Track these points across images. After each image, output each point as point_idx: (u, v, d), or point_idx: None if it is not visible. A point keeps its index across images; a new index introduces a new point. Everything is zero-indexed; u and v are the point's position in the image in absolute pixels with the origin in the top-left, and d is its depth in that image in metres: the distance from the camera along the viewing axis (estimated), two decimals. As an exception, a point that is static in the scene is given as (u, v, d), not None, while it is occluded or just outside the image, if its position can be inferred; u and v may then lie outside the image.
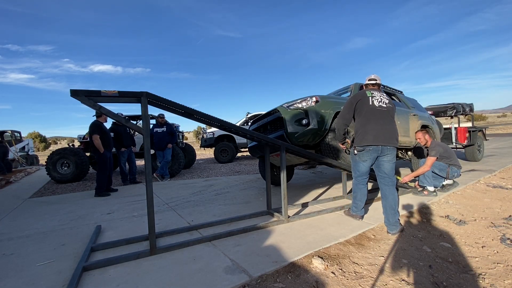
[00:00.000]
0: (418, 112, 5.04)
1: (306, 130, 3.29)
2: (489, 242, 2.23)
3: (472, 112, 7.58)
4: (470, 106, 7.50)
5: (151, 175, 2.09)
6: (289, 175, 5.01)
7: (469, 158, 6.88)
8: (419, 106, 5.70)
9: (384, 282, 1.69)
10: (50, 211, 3.72)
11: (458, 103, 7.32)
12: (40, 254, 2.19)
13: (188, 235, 2.45)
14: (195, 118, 2.45)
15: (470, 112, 7.53)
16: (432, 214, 2.93)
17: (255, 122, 4.34)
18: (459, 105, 7.30)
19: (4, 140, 11.12)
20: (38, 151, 29.33)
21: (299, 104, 3.47)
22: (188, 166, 8.66)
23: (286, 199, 2.69)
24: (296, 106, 3.47)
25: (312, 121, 3.29)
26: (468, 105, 7.43)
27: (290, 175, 5.05)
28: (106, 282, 1.72)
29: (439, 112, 7.42)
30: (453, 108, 7.24)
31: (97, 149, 4.51)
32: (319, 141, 3.43)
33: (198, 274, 1.75)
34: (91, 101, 1.95)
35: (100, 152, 4.52)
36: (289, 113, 3.45)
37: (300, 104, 3.47)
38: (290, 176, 5.03)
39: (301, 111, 3.40)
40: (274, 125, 3.79)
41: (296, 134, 3.32)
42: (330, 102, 3.51)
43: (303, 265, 1.87)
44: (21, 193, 5.35)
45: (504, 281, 1.66)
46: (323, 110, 3.36)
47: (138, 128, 2.19)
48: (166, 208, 3.60)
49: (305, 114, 3.35)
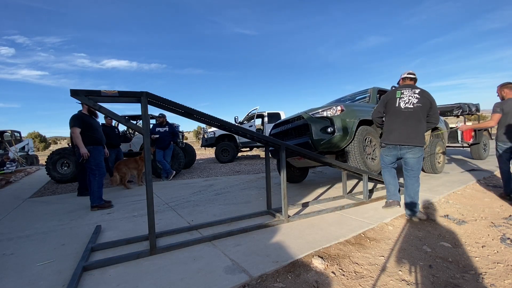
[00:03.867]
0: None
1: (331, 138, 3.48)
2: (489, 242, 2.22)
3: (478, 112, 7.75)
4: (476, 106, 7.67)
5: (151, 175, 2.09)
6: (305, 174, 5.22)
7: (475, 156, 7.11)
8: None
9: (384, 282, 1.69)
10: (50, 211, 3.72)
11: (464, 103, 7.51)
12: (40, 254, 2.19)
13: (188, 235, 2.45)
14: (195, 118, 2.45)
15: (476, 112, 7.67)
16: (432, 214, 2.93)
17: (277, 126, 4.50)
18: (465, 105, 7.49)
19: (4, 140, 11.12)
20: (38, 151, 29.33)
21: (324, 112, 3.64)
22: (188, 166, 8.66)
23: (286, 199, 2.69)
24: (322, 114, 3.65)
25: (337, 130, 3.47)
26: (474, 105, 7.61)
27: (306, 174, 5.26)
28: (106, 282, 1.72)
29: (446, 111, 7.62)
30: (459, 107, 7.44)
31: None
32: (343, 148, 3.61)
33: (198, 274, 1.75)
34: (91, 101, 1.95)
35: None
36: (314, 120, 3.64)
37: (325, 112, 3.64)
38: (305, 175, 5.24)
39: (326, 119, 3.58)
40: (298, 131, 3.95)
41: (322, 141, 3.52)
42: (354, 111, 3.68)
43: (303, 265, 1.87)
44: (21, 193, 5.35)
45: (504, 281, 1.66)
46: (348, 119, 3.53)
47: (138, 128, 2.19)
48: (166, 208, 3.60)
49: (330, 123, 3.53)
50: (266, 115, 11.01)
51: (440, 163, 5.20)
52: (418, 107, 2.71)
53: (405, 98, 2.76)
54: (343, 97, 5.39)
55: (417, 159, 2.76)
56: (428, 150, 4.92)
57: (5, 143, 11.07)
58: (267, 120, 10.96)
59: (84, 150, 3.52)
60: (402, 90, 2.81)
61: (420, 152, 2.76)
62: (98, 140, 3.77)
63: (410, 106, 2.72)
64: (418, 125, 2.73)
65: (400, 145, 2.76)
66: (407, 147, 2.73)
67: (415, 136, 2.71)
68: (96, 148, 3.70)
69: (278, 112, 11.12)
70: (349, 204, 3.19)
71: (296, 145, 3.67)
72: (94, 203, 3.62)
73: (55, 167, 6.33)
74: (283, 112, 11.14)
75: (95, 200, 3.63)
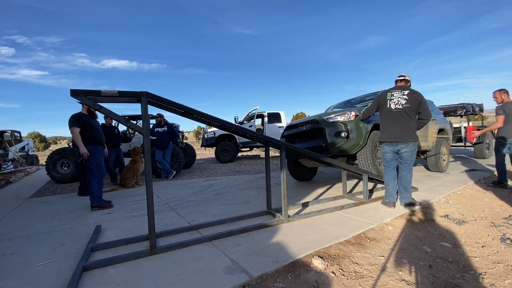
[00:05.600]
0: (435, 116, 5.37)
1: (345, 142, 3.66)
2: (489, 242, 2.22)
3: (482, 112, 7.90)
4: (480, 106, 7.82)
5: (151, 175, 2.09)
6: (314, 173, 5.40)
7: (478, 156, 7.27)
8: (435, 108, 5.96)
9: (384, 282, 1.69)
10: (50, 211, 3.72)
11: (468, 103, 7.67)
12: (40, 254, 2.19)
13: (188, 235, 2.45)
14: (195, 118, 2.45)
15: (480, 112, 7.78)
16: (432, 214, 2.93)
17: (290, 128, 4.62)
18: (469, 105, 7.65)
19: (4, 140, 11.12)
20: (38, 151, 29.34)
21: (339, 117, 3.82)
22: (188, 166, 8.66)
23: (286, 199, 2.69)
24: (336, 119, 3.83)
25: (352, 134, 3.65)
26: (478, 105, 7.74)
27: (314, 174, 5.43)
28: (106, 282, 1.72)
29: (450, 111, 7.81)
30: (463, 108, 7.63)
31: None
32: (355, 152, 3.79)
33: (198, 274, 1.75)
34: (91, 101, 1.95)
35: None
36: (329, 125, 3.81)
37: (340, 117, 3.82)
38: (314, 174, 5.42)
39: (341, 124, 3.74)
40: (312, 135, 4.13)
41: (336, 145, 3.70)
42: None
43: (303, 265, 1.87)
44: (21, 193, 5.35)
45: (504, 281, 1.66)
46: (361, 124, 3.70)
47: (138, 128, 2.19)
48: (166, 208, 3.60)
49: (344, 128, 3.69)
50: (266, 115, 11.00)
51: (445, 161, 5.41)
52: (406, 107, 2.99)
53: (394, 100, 3.06)
54: (353, 98, 5.48)
55: (410, 152, 3.05)
56: (434, 150, 5.12)
57: (5, 143, 11.07)
58: (267, 120, 10.95)
59: (84, 150, 3.52)
60: (392, 92, 3.11)
61: (414, 147, 3.05)
62: (98, 140, 3.74)
63: (400, 106, 3.01)
64: (408, 123, 3.00)
65: (396, 142, 3.05)
66: (402, 143, 3.02)
67: (407, 133, 2.99)
68: (96, 148, 3.68)
69: (278, 112, 11.11)
70: (349, 204, 3.20)
71: (310, 147, 3.92)
72: (94, 203, 3.62)
73: (55, 167, 6.33)
74: (283, 112, 11.14)
75: (95, 200, 3.62)
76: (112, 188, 5.21)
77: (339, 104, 5.72)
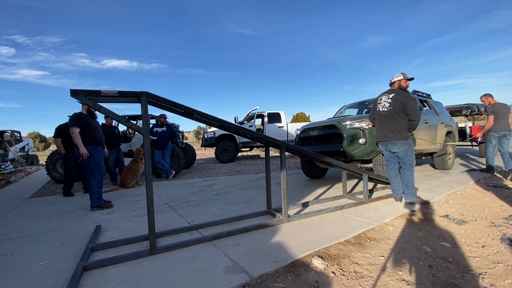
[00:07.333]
0: (444, 117, 5.53)
1: (363, 148, 3.83)
2: (489, 242, 2.22)
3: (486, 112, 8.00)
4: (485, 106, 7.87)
5: (151, 175, 2.09)
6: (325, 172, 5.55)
7: (483, 154, 7.42)
8: (443, 109, 6.08)
9: (384, 282, 1.69)
10: (50, 211, 3.72)
11: (473, 104, 7.89)
12: (40, 254, 2.19)
13: (188, 235, 2.45)
14: (195, 118, 2.45)
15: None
16: (432, 214, 2.93)
17: (306, 130, 4.77)
18: (474, 105, 7.88)
19: (4, 140, 11.11)
20: (38, 151, 29.34)
21: (357, 124, 3.97)
22: (188, 166, 8.66)
23: (286, 199, 2.69)
24: (355, 126, 3.97)
25: (369, 141, 3.81)
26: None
27: (325, 172, 5.57)
28: (106, 282, 1.72)
29: (455, 111, 8.04)
30: (467, 108, 7.87)
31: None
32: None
33: (198, 274, 1.75)
34: (91, 101, 1.95)
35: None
36: (348, 131, 3.97)
37: (358, 124, 3.97)
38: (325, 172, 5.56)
39: (359, 130, 3.90)
40: (329, 139, 4.29)
41: (354, 151, 3.87)
42: None
43: (303, 265, 1.87)
44: (21, 193, 5.36)
45: (504, 281, 1.66)
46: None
47: (138, 128, 2.19)
48: (166, 208, 3.60)
49: (362, 134, 3.85)
50: (266, 115, 11.00)
51: (450, 160, 5.63)
52: (390, 109, 3.20)
53: (382, 103, 3.32)
54: (366, 100, 5.53)
55: (403, 151, 3.18)
56: (440, 150, 5.33)
57: (5, 143, 11.07)
58: (267, 120, 10.95)
59: (84, 150, 3.51)
60: (381, 97, 3.37)
61: (404, 146, 3.16)
62: (98, 140, 3.73)
63: (385, 109, 3.26)
64: (393, 124, 3.19)
65: (384, 141, 3.30)
66: (389, 142, 3.24)
67: (392, 133, 3.19)
68: (96, 148, 3.67)
69: (278, 112, 11.11)
70: (349, 204, 3.20)
71: (327, 151, 4.06)
72: (94, 203, 3.61)
73: (55, 167, 6.32)
74: (283, 112, 11.14)
75: (95, 200, 3.61)
76: (112, 188, 5.21)
77: (353, 104, 5.76)
